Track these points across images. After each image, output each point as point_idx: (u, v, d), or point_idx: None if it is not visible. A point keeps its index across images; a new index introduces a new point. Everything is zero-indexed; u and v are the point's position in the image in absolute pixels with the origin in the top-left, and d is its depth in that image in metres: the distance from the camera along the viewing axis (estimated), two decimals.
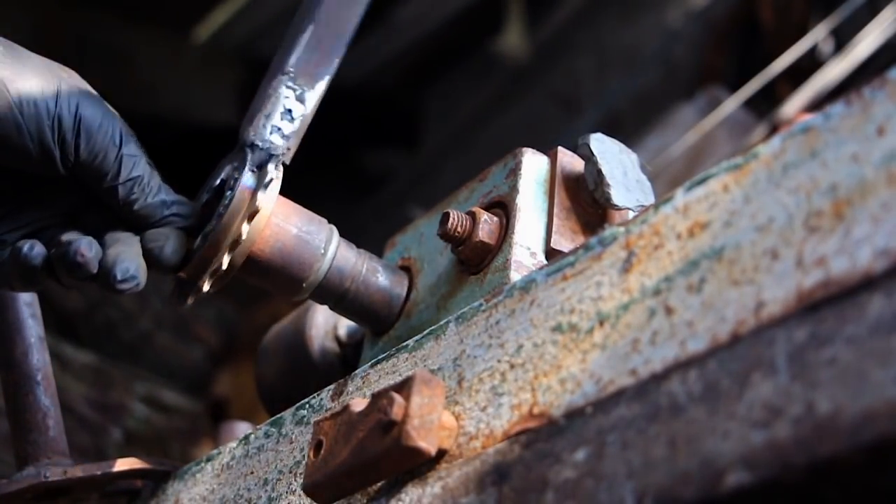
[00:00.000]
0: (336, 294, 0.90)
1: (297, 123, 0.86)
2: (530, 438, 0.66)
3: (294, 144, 0.87)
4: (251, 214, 0.82)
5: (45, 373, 0.97)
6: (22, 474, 0.93)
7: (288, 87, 0.86)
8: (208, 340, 3.18)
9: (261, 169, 0.84)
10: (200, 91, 3.55)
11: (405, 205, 2.95)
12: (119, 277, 0.80)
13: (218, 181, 0.87)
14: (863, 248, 0.55)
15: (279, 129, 0.86)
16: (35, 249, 0.80)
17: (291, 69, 0.86)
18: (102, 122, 0.81)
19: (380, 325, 0.93)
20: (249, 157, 0.84)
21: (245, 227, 0.82)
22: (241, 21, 3.52)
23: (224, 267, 0.83)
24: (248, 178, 0.83)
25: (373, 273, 0.91)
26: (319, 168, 3.87)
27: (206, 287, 0.84)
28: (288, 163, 0.86)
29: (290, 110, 0.86)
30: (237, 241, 0.82)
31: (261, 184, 0.83)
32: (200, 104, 3.56)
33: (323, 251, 0.88)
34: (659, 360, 0.61)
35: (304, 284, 0.88)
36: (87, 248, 0.79)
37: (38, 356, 0.97)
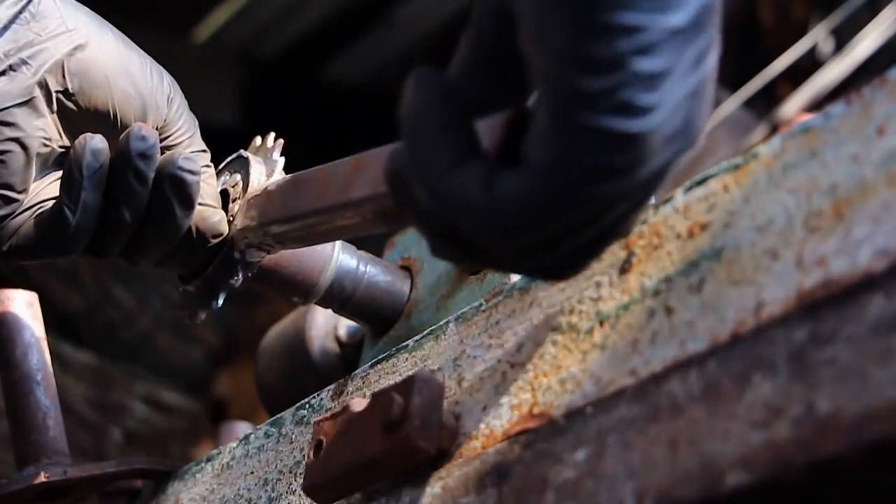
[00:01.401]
0: (342, 297, 0.90)
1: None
2: (530, 438, 0.66)
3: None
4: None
5: (45, 373, 0.97)
6: (22, 474, 0.93)
7: None
8: (208, 340, 3.18)
9: (265, 168, 0.84)
10: (200, 91, 3.54)
11: None
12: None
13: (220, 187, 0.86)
14: (863, 248, 0.55)
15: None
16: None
17: None
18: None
19: (381, 325, 0.94)
20: (251, 158, 0.85)
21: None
22: (241, 21, 3.52)
23: (242, 268, 0.82)
24: (256, 175, 0.83)
25: (376, 274, 0.91)
26: None
27: (219, 302, 0.83)
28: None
29: None
30: (251, 245, 0.82)
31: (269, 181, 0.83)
32: (200, 104, 3.56)
33: (329, 256, 0.88)
34: (659, 360, 0.61)
35: (313, 289, 0.88)
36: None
37: (38, 356, 0.97)
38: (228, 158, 0.88)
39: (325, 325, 1.02)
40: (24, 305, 0.98)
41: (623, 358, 0.64)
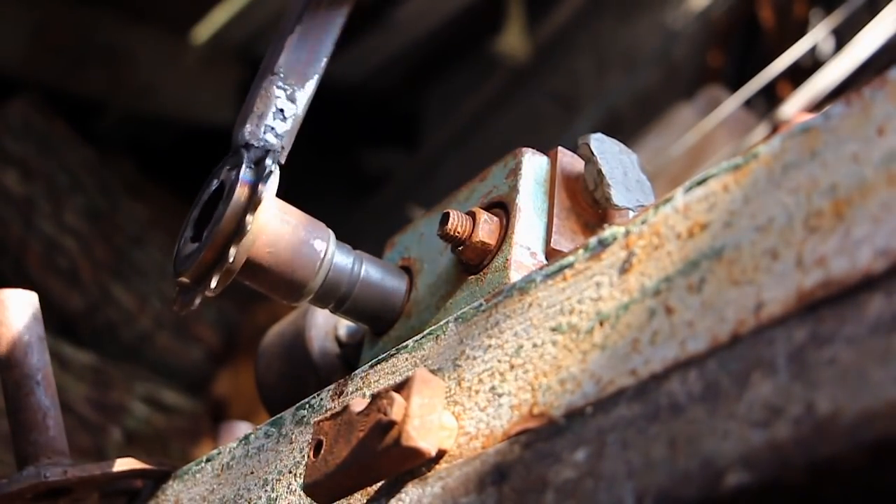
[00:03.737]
0: (335, 297, 0.89)
1: (289, 123, 0.87)
2: (530, 438, 0.66)
3: (288, 143, 0.87)
4: (253, 207, 0.82)
5: (45, 373, 0.97)
6: (22, 474, 0.93)
7: (279, 88, 0.86)
8: (208, 340, 3.18)
9: (258, 164, 0.84)
10: (200, 91, 3.55)
11: (405, 205, 2.96)
12: None
13: (215, 184, 0.87)
14: (863, 248, 0.55)
15: (272, 128, 0.86)
16: None
17: (281, 70, 0.86)
18: None
19: (380, 325, 0.93)
20: (246, 155, 0.84)
21: (249, 219, 0.82)
22: (241, 21, 3.52)
23: (231, 261, 0.82)
24: (247, 173, 0.83)
25: (371, 274, 0.91)
26: (319, 168, 3.87)
27: (213, 284, 0.83)
28: (283, 162, 0.86)
29: (281, 110, 0.87)
30: (241, 235, 0.82)
31: (260, 177, 0.83)
32: (200, 104, 3.57)
33: (322, 255, 0.87)
34: (659, 360, 0.61)
35: (304, 289, 0.87)
36: None
37: (38, 356, 0.97)
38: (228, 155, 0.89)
39: (325, 325, 1.02)
40: (24, 305, 0.98)
41: (623, 358, 0.64)
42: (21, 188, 3.07)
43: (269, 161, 0.84)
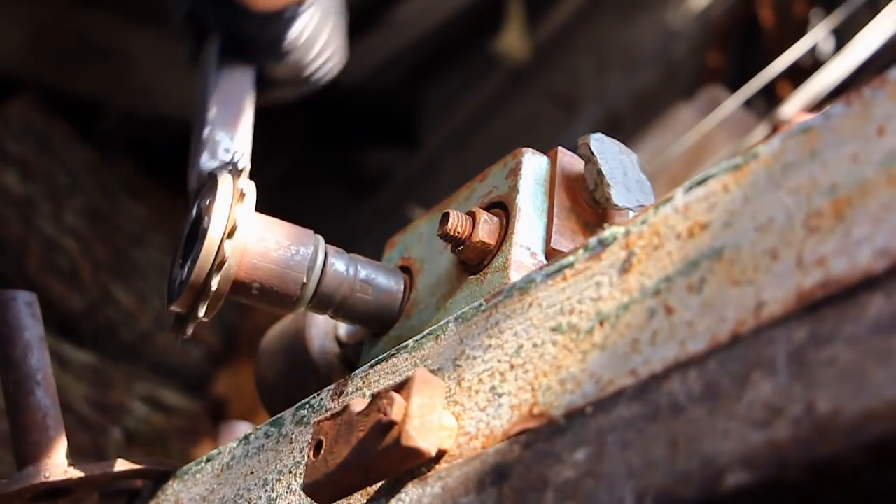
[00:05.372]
0: (332, 303, 0.90)
1: (243, 146, 0.93)
2: (530, 438, 0.66)
3: (246, 163, 0.91)
4: (230, 232, 0.83)
5: (45, 373, 0.97)
6: (22, 474, 0.93)
7: (219, 133, 0.94)
8: (208, 340, 3.18)
9: (231, 188, 0.86)
10: None
11: (405, 205, 2.96)
12: None
13: (195, 213, 0.88)
14: (863, 248, 0.55)
15: (227, 150, 0.93)
16: None
17: (215, 121, 0.95)
18: None
19: (380, 326, 0.94)
20: (219, 179, 0.86)
21: (228, 245, 0.83)
22: None
23: (213, 290, 0.83)
24: (221, 198, 0.84)
25: (367, 277, 0.91)
26: (319, 168, 3.87)
27: (201, 314, 0.85)
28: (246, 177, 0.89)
29: (227, 149, 0.94)
30: (222, 262, 0.83)
31: (234, 200, 0.84)
32: None
33: (310, 265, 0.88)
34: (659, 360, 0.61)
35: (296, 300, 0.88)
36: None
37: (38, 356, 0.97)
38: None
39: (325, 325, 1.02)
40: (24, 305, 0.98)
41: (623, 358, 0.64)
42: (21, 188, 3.07)
43: (241, 181, 0.85)
